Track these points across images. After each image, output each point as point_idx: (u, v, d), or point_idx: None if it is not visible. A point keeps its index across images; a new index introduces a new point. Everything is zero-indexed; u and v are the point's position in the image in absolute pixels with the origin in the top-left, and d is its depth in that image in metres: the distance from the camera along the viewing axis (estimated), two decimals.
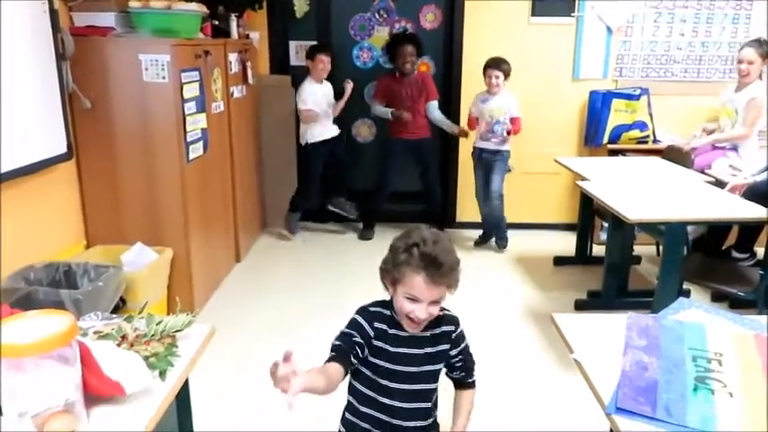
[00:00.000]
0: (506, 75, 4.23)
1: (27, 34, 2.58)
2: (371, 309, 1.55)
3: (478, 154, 4.46)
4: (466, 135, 4.56)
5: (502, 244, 4.56)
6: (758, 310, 2.72)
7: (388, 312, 1.53)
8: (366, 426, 1.57)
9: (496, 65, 4.22)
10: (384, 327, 1.52)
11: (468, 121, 4.49)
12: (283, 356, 1.22)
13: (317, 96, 4.49)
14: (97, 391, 1.20)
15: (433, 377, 1.59)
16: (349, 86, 4.60)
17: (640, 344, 1.47)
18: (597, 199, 3.09)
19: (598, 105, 4.59)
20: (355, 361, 1.48)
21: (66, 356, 1.11)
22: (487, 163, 4.41)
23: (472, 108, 4.46)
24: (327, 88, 4.61)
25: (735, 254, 3.60)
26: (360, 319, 1.52)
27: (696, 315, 1.67)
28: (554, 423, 2.53)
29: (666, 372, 1.35)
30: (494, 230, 4.59)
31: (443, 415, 1.70)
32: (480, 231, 4.72)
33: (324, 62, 4.45)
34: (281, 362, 1.20)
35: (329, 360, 1.45)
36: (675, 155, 4.04)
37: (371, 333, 1.50)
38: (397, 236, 1.51)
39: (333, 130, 4.65)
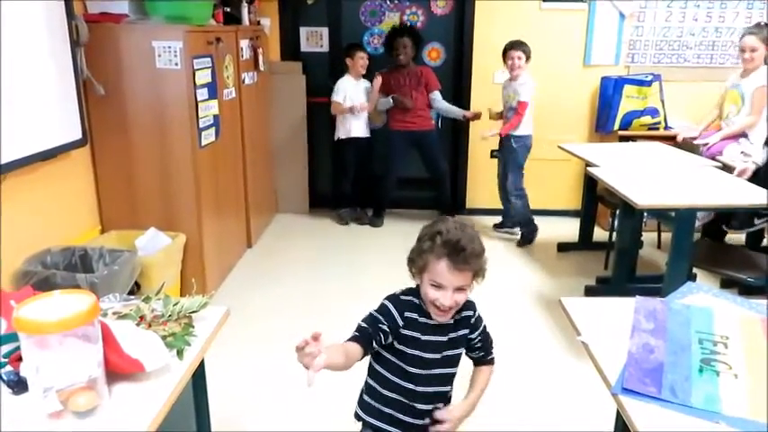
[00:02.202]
0: (528, 56, 4.15)
1: (42, 21, 2.61)
2: (403, 297, 1.57)
3: (500, 141, 4.42)
4: (478, 117, 4.55)
5: (519, 241, 4.46)
6: (767, 296, 2.73)
7: (417, 301, 1.56)
8: (387, 410, 1.60)
9: (514, 46, 4.16)
10: (414, 316, 1.54)
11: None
12: (312, 336, 1.25)
13: (350, 92, 4.58)
14: (118, 368, 1.24)
15: (455, 361, 1.62)
16: (377, 81, 4.62)
17: (648, 327, 1.49)
18: (607, 185, 3.09)
19: (609, 91, 4.58)
20: (376, 346, 1.51)
21: (89, 335, 1.15)
22: (504, 152, 4.39)
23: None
24: (363, 85, 4.66)
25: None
26: (391, 307, 1.54)
27: (704, 299, 1.69)
28: (562, 404, 2.56)
29: (672, 354, 1.37)
30: (519, 227, 4.52)
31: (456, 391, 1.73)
32: (493, 217, 4.77)
33: (363, 59, 4.57)
34: (310, 340, 1.24)
35: (352, 339, 1.48)
36: (685, 142, 4.03)
37: (401, 323, 1.52)
38: (424, 225, 1.55)
39: (363, 131, 4.71)
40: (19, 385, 1.21)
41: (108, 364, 1.21)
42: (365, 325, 1.51)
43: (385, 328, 1.50)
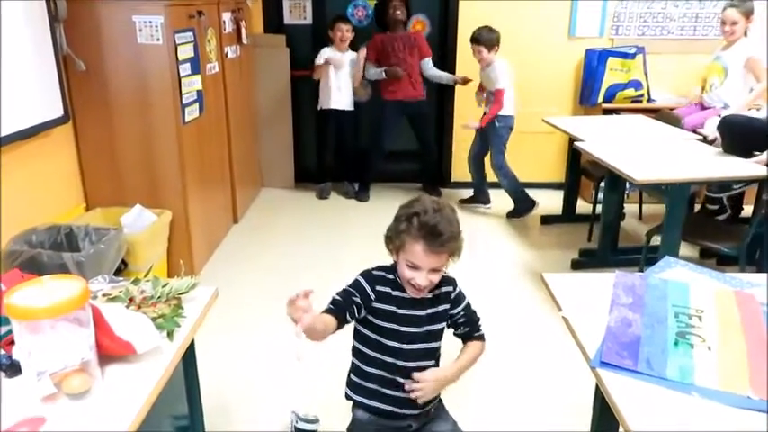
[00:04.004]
0: (487, 45, 4.14)
1: None
2: (375, 272, 1.61)
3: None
4: (468, 82, 4.54)
5: (513, 213, 4.46)
6: (740, 266, 2.81)
7: (391, 276, 1.59)
8: (373, 386, 1.64)
9: (474, 39, 4.17)
10: (387, 289, 1.57)
11: None
12: (303, 293, 1.32)
13: (333, 62, 4.54)
14: (110, 350, 1.26)
15: (436, 336, 1.65)
16: (362, 53, 4.61)
17: (626, 301, 1.54)
18: (601, 161, 3.08)
19: (594, 64, 4.59)
20: (350, 318, 1.55)
21: (80, 318, 1.17)
22: (485, 133, 4.39)
23: None
24: (348, 56, 4.62)
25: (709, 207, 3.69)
26: (362, 281, 1.58)
27: (681, 273, 1.74)
28: (547, 376, 2.63)
29: (649, 327, 1.42)
30: (514, 202, 4.50)
31: None
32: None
33: (342, 31, 4.50)
34: (302, 294, 1.31)
35: (326, 311, 1.51)
36: (666, 115, 4.07)
37: (372, 296, 1.56)
38: (402, 204, 1.56)
39: (345, 103, 4.68)
40: (12, 368, 1.23)
41: (100, 346, 1.24)
42: (339, 298, 1.55)
43: (358, 300, 1.54)
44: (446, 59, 4.85)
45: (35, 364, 1.14)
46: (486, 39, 4.13)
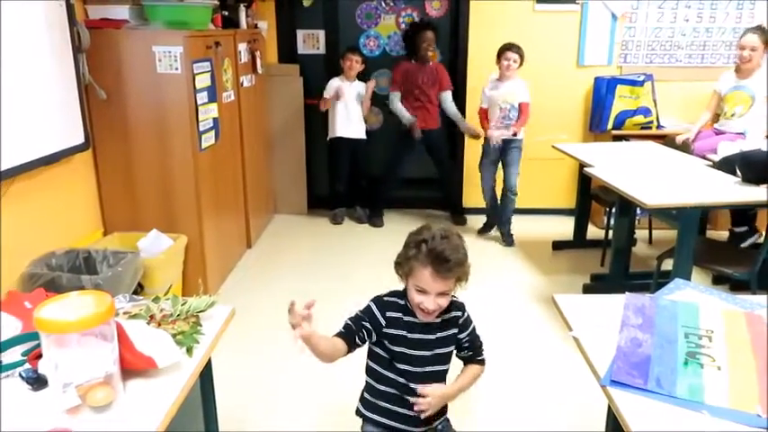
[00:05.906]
0: (522, 59, 4.20)
1: (44, 27, 2.66)
2: (386, 299, 1.66)
3: (492, 144, 4.35)
4: (477, 137, 4.59)
5: (508, 241, 4.48)
6: (751, 291, 2.80)
7: (402, 302, 1.64)
8: (384, 404, 1.68)
9: (512, 48, 4.21)
10: (398, 315, 1.63)
11: (479, 115, 4.48)
12: (306, 304, 1.40)
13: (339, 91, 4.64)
14: (132, 365, 1.30)
15: (445, 359, 1.70)
16: (370, 85, 4.71)
17: (636, 322, 1.56)
18: (612, 186, 3.10)
19: (603, 91, 4.64)
20: (359, 342, 1.61)
21: (105, 333, 1.21)
22: (502, 153, 4.39)
23: (482, 100, 4.45)
24: (357, 87, 4.72)
25: (735, 229, 3.69)
26: (373, 307, 1.64)
27: (691, 295, 1.76)
28: (560, 397, 2.62)
29: (659, 347, 1.44)
30: (501, 226, 4.53)
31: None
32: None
33: (351, 61, 4.61)
34: (304, 306, 1.39)
35: (337, 335, 1.59)
36: (675, 141, 4.11)
37: (383, 322, 1.62)
38: (411, 232, 1.62)
39: (357, 131, 4.78)
40: (37, 382, 1.27)
41: (122, 361, 1.27)
42: (350, 323, 1.62)
43: (368, 326, 1.60)
44: (456, 88, 4.91)
45: (61, 377, 1.17)
46: (522, 51, 4.19)
